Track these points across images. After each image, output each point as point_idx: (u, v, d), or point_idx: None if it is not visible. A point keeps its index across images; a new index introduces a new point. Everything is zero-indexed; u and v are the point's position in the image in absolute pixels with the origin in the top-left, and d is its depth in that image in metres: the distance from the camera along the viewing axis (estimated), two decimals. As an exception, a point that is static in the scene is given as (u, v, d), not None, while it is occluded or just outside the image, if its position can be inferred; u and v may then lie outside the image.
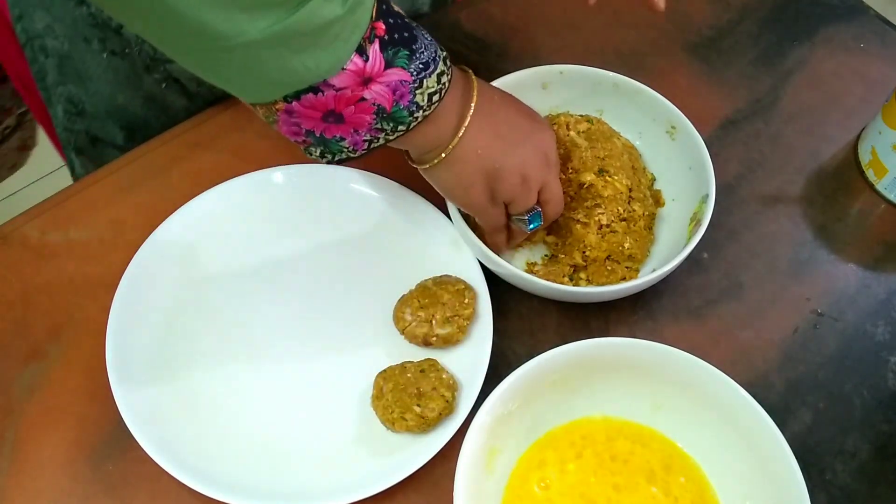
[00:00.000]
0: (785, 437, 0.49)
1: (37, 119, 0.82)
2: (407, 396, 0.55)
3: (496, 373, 0.55)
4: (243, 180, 0.64)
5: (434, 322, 0.58)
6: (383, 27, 0.46)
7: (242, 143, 0.68)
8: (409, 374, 0.56)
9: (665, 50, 0.77)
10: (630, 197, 0.62)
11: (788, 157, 0.71)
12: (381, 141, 0.50)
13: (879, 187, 0.69)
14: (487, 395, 0.50)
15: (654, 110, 0.65)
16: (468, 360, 0.58)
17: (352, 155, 0.51)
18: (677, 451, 0.54)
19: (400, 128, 0.49)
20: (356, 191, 0.65)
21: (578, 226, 0.61)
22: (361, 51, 0.45)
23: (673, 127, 0.65)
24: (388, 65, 0.46)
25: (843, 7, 0.81)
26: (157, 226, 0.61)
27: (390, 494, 0.53)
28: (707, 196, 0.60)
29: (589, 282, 0.61)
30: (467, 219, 0.60)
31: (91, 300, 0.60)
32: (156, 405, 0.56)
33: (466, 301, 0.59)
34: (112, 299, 0.58)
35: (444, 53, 0.50)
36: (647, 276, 0.58)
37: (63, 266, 0.63)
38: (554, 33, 0.77)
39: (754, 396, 0.50)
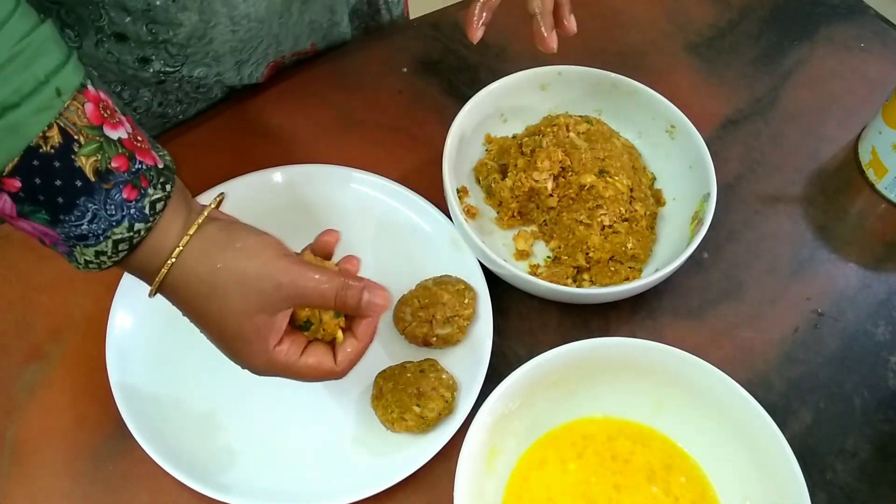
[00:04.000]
0: (785, 436, 0.49)
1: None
2: (406, 396, 0.55)
3: (496, 373, 0.55)
4: (243, 181, 0.64)
5: (434, 322, 0.58)
6: (18, 185, 0.40)
7: (242, 143, 0.68)
8: (408, 374, 0.56)
9: (665, 50, 0.77)
10: (631, 197, 0.62)
11: (788, 157, 0.71)
12: (90, 257, 0.44)
13: (879, 187, 0.69)
14: (487, 395, 0.50)
15: (653, 110, 0.65)
16: (468, 360, 0.58)
17: (98, 262, 0.45)
18: (678, 451, 0.54)
19: (81, 257, 0.44)
20: (356, 191, 0.65)
21: (581, 227, 0.61)
22: None
23: (672, 126, 0.65)
24: (24, 216, 0.41)
25: (843, 7, 0.81)
26: (157, 226, 0.61)
27: (390, 494, 0.53)
28: (708, 195, 0.60)
29: (592, 283, 0.61)
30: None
31: (91, 300, 0.60)
32: (156, 405, 0.56)
33: (466, 301, 0.59)
34: (112, 299, 0.58)
35: (128, 237, 0.43)
36: (649, 277, 0.58)
37: (63, 266, 0.62)
38: (554, 33, 0.77)
39: (754, 396, 0.50)
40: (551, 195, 0.63)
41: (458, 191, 0.64)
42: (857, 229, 0.68)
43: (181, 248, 0.45)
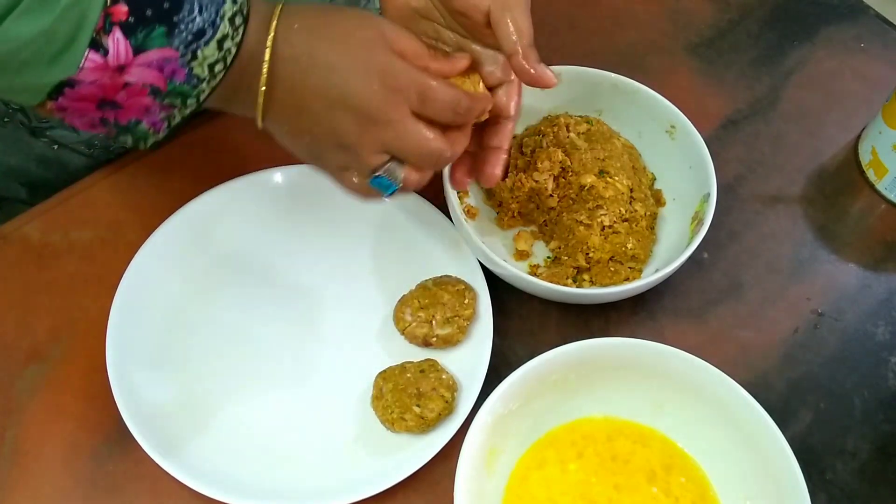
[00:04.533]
0: (785, 437, 0.49)
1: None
2: (406, 397, 0.55)
3: (496, 373, 0.55)
4: (243, 181, 0.64)
5: (434, 322, 0.58)
6: (125, 9, 0.40)
7: (242, 143, 0.68)
8: (408, 375, 0.56)
9: (665, 50, 0.77)
10: (631, 197, 0.62)
11: (788, 157, 0.71)
12: (179, 117, 0.46)
13: (880, 187, 0.69)
14: (487, 395, 0.50)
15: (653, 110, 0.65)
16: (468, 360, 0.58)
17: (157, 137, 0.46)
18: (678, 451, 0.54)
19: (189, 100, 0.45)
20: (356, 191, 0.65)
21: (581, 228, 0.61)
22: (96, 45, 0.40)
23: (672, 126, 0.65)
24: (140, 49, 0.41)
25: (843, 7, 0.81)
26: (157, 226, 0.61)
27: (390, 494, 0.53)
28: (708, 195, 0.60)
29: (593, 283, 0.61)
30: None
31: (91, 300, 0.60)
32: (156, 405, 0.56)
33: (466, 301, 0.59)
34: (112, 299, 0.58)
35: (238, 5, 0.44)
36: (649, 277, 0.58)
37: (63, 266, 0.63)
38: (553, 33, 0.77)
39: (754, 396, 0.50)
40: (551, 195, 0.63)
41: (457, 191, 0.64)
42: (857, 229, 0.68)
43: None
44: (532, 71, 0.49)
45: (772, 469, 0.50)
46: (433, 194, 0.63)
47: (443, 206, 0.62)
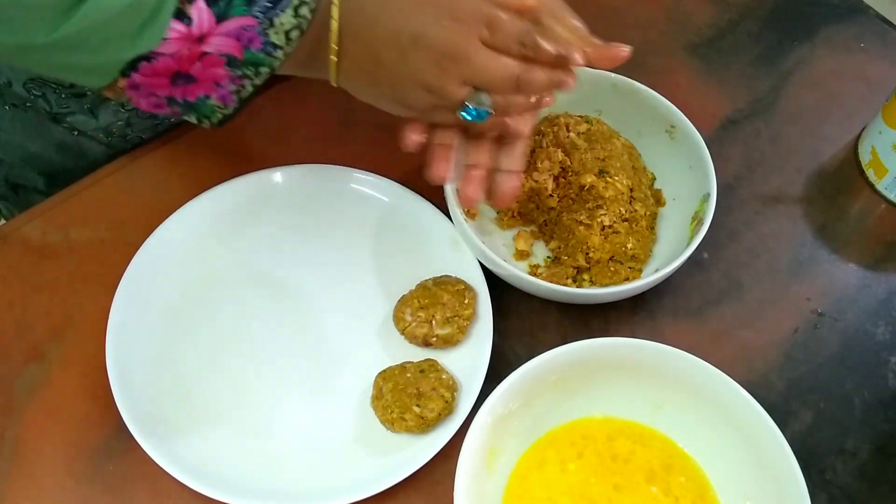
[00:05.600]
0: (785, 437, 0.49)
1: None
2: (406, 397, 0.55)
3: (496, 373, 0.55)
4: (243, 180, 0.64)
5: (434, 322, 0.58)
6: None
7: (242, 143, 0.68)
8: (408, 375, 0.56)
9: (665, 50, 0.77)
10: (631, 197, 0.62)
11: (788, 157, 0.71)
12: (250, 88, 0.47)
13: (879, 187, 0.69)
14: (487, 395, 0.50)
15: (653, 110, 0.65)
16: (468, 360, 0.58)
17: (226, 111, 0.47)
18: (678, 451, 0.54)
19: (262, 69, 0.45)
20: (356, 191, 0.65)
21: (581, 228, 0.61)
22: (181, 15, 0.41)
23: (672, 126, 0.65)
24: (222, 17, 0.42)
25: (843, 7, 0.81)
26: (157, 226, 0.61)
27: (390, 494, 0.53)
28: (708, 195, 0.60)
29: (592, 283, 0.61)
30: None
31: (91, 300, 0.60)
32: (156, 405, 0.56)
33: (466, 301, 0.59)
34: (112, 299, 0.58)
35: None
36: (649, 277, 0.58)
37: (63, 266, 0.63)
38: (554, 33, 0.77)
39: (754, 396, 0.50)
40: (551, 195, 0.63)
41: (458, 191, 0.64)
42: (857, 229, 0.68)
43: None
44: (608, 52, 0.52)
45: (772, 469, 0.50)
46: (433, 194, 0.63)
47: (443, 206, 0.62)
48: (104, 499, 0.54)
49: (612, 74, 0.66)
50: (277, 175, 0.65)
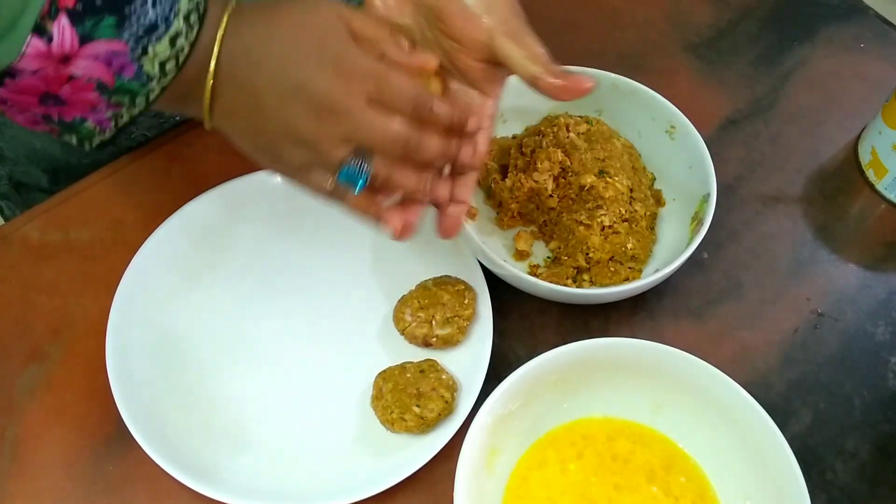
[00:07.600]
0: (785, 437, 0.49)
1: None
2: (406, 397, 0.55)
3: (496, 373, 0.55)
4: (243, 181, 0.64)
5: (434, 323, 0.58)
6: None
7: (242, 143, 0.68)
8: (408, 375, 0.56)
9: (665, 50, 0.77)
10: (631, 197, 0.62)
11: (788, 157, 0.71)
12: (127, 117, 0.44)
13: (879, 187, 0.69)
14: (487, 396, 0.50)
15: (653, 110, 0.65)
16: (468, 360, 0.58)
17: (103, 136, 0.44)
18: (678, 451, 0.54)
19: (139, 100, 0.43)
20: (356, 191, 0.65)
21: (581, 228, 0.61)
22: (40, 30, 0.38)
23: (672, 126, 0.65)
24: (87, 38, 0.39)
25: (843, 7, 0.81)
26: (157, 226, 0.61)
27: (390, 494, 0.53)
28: (708, 195, 0.60)
29: (592, 283, 0.61)
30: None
31: (91, 300, 0.60)
32: (156, 405, 0.56)
33: (466, 301, 0.59)
34: (112, 299, 0.58)
35: (194, 2, 0.42)
36: (649, 277, 0.58)
37: (63, 266, 0.63)
38: (553, 34, 0.77)
39: (754, 396, 0.50)
40: (551, 196, 0.63)
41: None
42: (857, 229, 0.68)
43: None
44: (565, 83, 0.48)
45: (772, 469, 0.50)
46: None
47: (443, 206, 0.62)
48: (104, 499, 0.54)
49: (613, 74, 0.66)
50: (278, 175, 0.65)
